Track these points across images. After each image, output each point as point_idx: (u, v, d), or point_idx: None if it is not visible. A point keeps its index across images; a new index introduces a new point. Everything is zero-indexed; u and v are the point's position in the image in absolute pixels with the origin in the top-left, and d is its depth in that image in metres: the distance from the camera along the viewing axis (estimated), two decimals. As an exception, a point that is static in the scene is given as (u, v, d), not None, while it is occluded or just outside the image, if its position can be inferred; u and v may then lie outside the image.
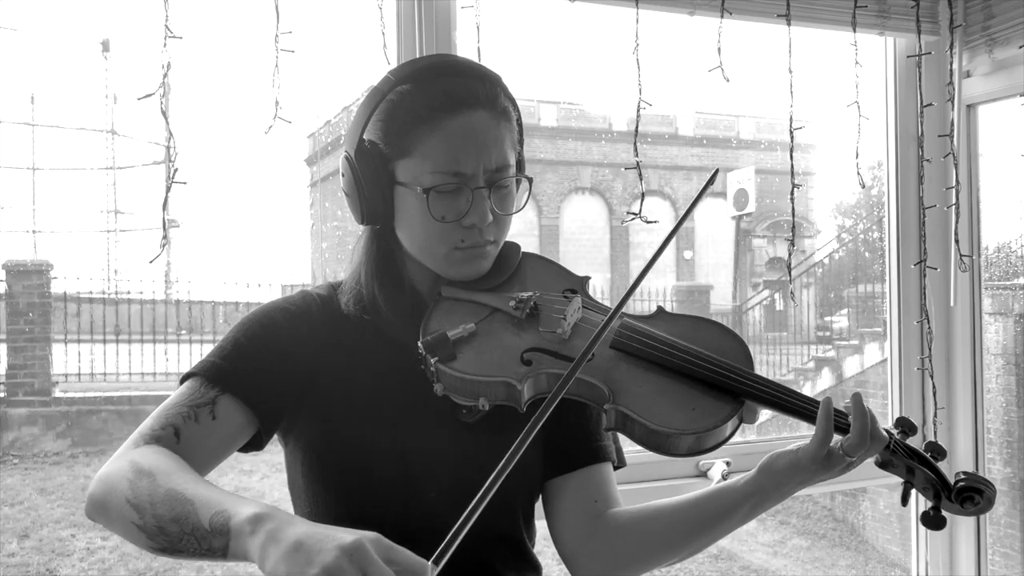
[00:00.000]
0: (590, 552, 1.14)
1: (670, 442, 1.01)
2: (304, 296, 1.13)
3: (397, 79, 1.06)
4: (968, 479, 1.04)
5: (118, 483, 0.90)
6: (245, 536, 0.79)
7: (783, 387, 1.06)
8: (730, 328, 1.14)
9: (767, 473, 1.06)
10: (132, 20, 22.19)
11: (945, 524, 1.05)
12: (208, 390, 1.01)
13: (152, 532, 0.86)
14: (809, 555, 7.09)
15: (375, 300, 1.10)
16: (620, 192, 17.69)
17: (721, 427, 1.02)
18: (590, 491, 1.16)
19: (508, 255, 1.15)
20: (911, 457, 1.06)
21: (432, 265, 1.09)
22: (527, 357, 1.03)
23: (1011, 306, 4.32)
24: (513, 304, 1.08)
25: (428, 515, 1.02)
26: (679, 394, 1.04)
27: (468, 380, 1.01)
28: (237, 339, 1.05)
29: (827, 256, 11.07)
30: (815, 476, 1.04)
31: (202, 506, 0.84)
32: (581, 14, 22.88)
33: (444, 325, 1.05)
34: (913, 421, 1.10)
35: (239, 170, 23.49)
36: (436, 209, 1.03)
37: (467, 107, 1.03)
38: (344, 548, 0.73)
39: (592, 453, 1.17)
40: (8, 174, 11.80)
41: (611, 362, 1.05)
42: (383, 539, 0.76)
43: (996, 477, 3.88)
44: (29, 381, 7.79)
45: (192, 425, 0.98)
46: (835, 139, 16.29)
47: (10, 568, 5.53)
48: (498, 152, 1.05)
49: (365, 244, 1.13)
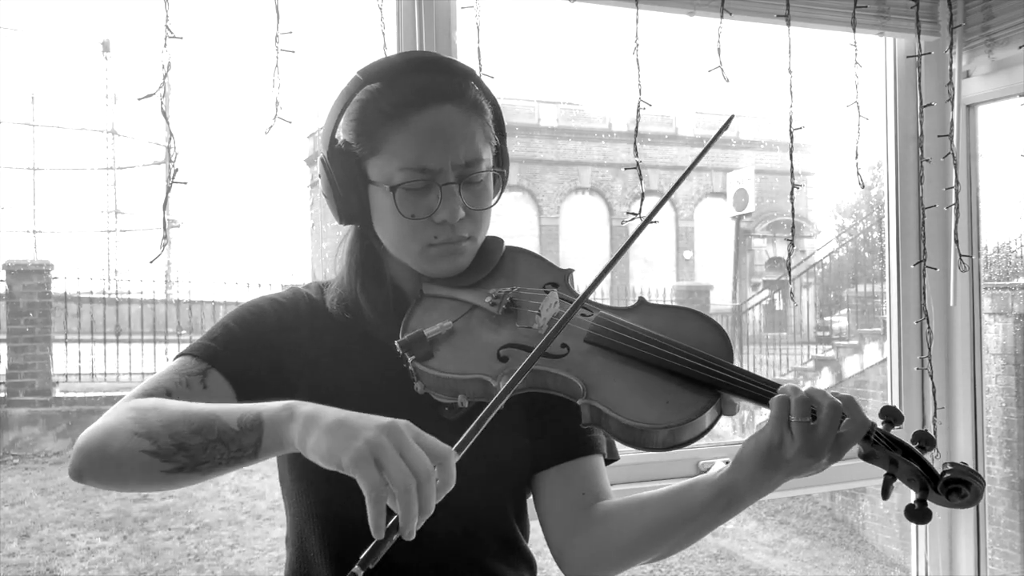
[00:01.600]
0: (575, 545, 1.13)
1: (645, 436, 0.99)
2: (294, 292, 1.14)
3: (365, 78, 1.07)
4: (955, 470, 1.00)
5: (120, 424, 0.91)
6: (281, 423, 0.85)
7: (761, 378, 1.02)
8: (713, 319, 1.12)
9: (736, 462, 1.01)
10: (132, 20, 22.22)
11: (931, 517, 1.00)
12: (198, 363, 1.03)
13: (168, 452, 0.88)
14: (809, 555, 7.09)
15: (357, 300, 1.11)
16: (620, 192, 17.69)
17: (696, 420, 0.99)
18: (577, 484, 1.15)
19: (490, 250, 1.15)
20: (894, 448, 1.00)
21: (410, 262, 1.10)
22: (503, 353, 1.03)
23: (1011, 306, 4.32)
24: (490, 300, 1.08)
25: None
26: (653, 388, 1.02)
27: (445, 378, 1.02)
28: (226, 324, 1.08)
29: (827, 256, 11.06)
30: (786, 465, 0.96)
31: (225, 413, 0.88)
32: (581, 14, 22.89)
33: (423, 323, 1.06)
34: (899, 409, 1.04)
35: (239, 170, 23.49)
36: (405, 207, 1.04)
37: (434, 102, 1.03)
38: (382, 427, 0.80)
39: (580, 445, 1.16)
40: (8, 174, 11.80)
41: (586, 356, 1.04)
42: (412, 425, 0.82)
43: (996, 477, 3.88)
44: (29, 381, 7.79)
45: (184, 390, 1.00)
46: (835, 139, 16.28)
47: (10, 568, 5.53)
48: (468, 146, 1.05)
49: (348, 244, 1.15)
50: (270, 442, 0.86)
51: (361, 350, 1.10)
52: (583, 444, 1.17)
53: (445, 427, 1.06)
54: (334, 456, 0.80)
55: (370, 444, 0.78)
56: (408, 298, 1.13)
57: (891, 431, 1.02)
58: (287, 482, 1.13)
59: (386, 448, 0.78)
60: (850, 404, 0.97)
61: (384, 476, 0.77)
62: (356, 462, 0.78)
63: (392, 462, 0.77)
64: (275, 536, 6.10)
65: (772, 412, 0.97)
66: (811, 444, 0.94)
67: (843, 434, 0.95)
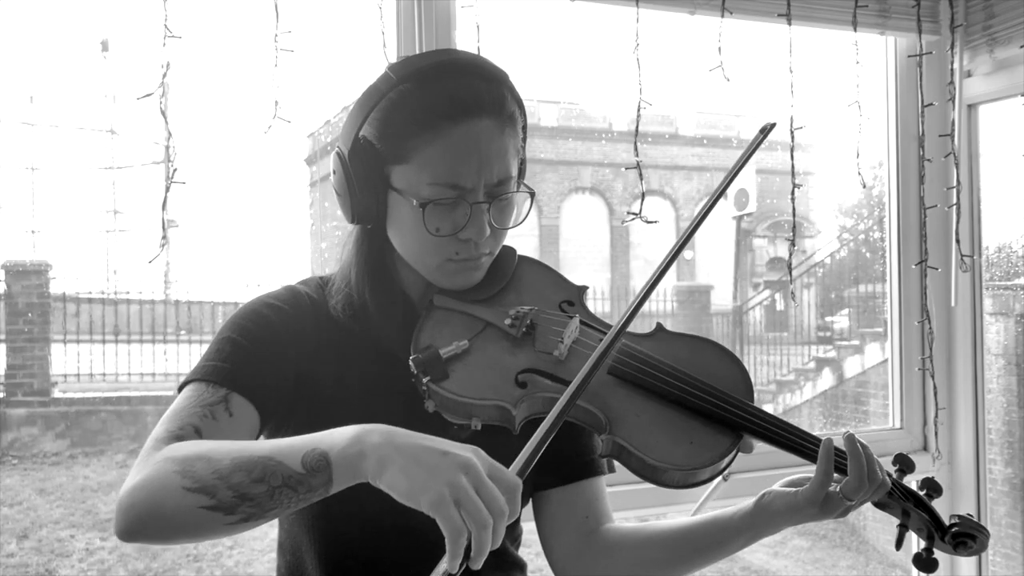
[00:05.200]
0: (579, 569, 1.13)
1: (665, 475, 0.98)
2: (294, 294, 1.08)
3: (398, 78, 1.01)
4: (962, 524, 1.03)
5: (165, 480, 0.84)
6: (351, 460, 0.81)
7: (784, 423, 1.03)
8: (730, 351, 1.10)
9: (763, 512, 1.05)
10: (132, 20, 22.19)
11: (937, 566, 1.04)
12: (216, 390, 0.96)
13: (230, 506, 0.83)
14: (810, 556, 7.08)
15: (366, 305, 1.06)
16: (620, 192, 17.69)
17: (720, 461, 0.99)
18: (581, 507, 1.15)
19: (504, 262, 1.11)
20: (907, 499, 1.04)
21: (424, 273, 1.06)
22: (522, 379, 1.00)
23: (1012, 306, 4.31)
24: (509, 321, 1.04)
25: (416, 521, 1.02)
26: (677, 426, 1.00)
27: (461, 402, 0.98)
28: (233, 339, 1.01)
29: (828, 256, 11.06)
30: (812, 519, 1.03)
31: (284, 454, 0.83)
32: (581, 14, 22.87)
33: (436, 339, 1.01)
34: (911, 458, 1.08)
35: (239, 170, 23.46)
36: (431, 222, 0.99)
37: (471, 115, 0.98)
38: (460, 465, 0.79)
39: (583, 468, 1.16)
40: (8, 174, 11.80)
41: (608, 388, 1.01)
42: (484, 455, 0.82)
43: (997, 478, 3.88)
44: (28, 381, 7.78)
45: (211, 423, 0.94)
46: (836, 139, 16.28)
47: (9, 568, 5.52)
48: (500, 165, 1.01)
49: (356, 243, 1.09)
50: (341, 478, 0.82)
51: (368, 360, 1.06)
52: (586, 466, 1.16)
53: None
54: (413, 497, 0.78)
55: (451, 487, 0.77)
56: (415, 305, 1.09)
57: (902, 479, 1.05)
58: None
59: (466, 490, 0.77)
60: (870, 461, 1.01)
61: (463, 515, 0.77)
62: (436, 506, 0.77)
63: (471, 503, 0.77)
64: (274, 537, 6.03)
65: (819, 478, 1.00)
66: (844, 510, 1.02)
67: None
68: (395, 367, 1.04)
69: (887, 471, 1.05)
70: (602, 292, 14.05)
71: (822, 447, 1.00)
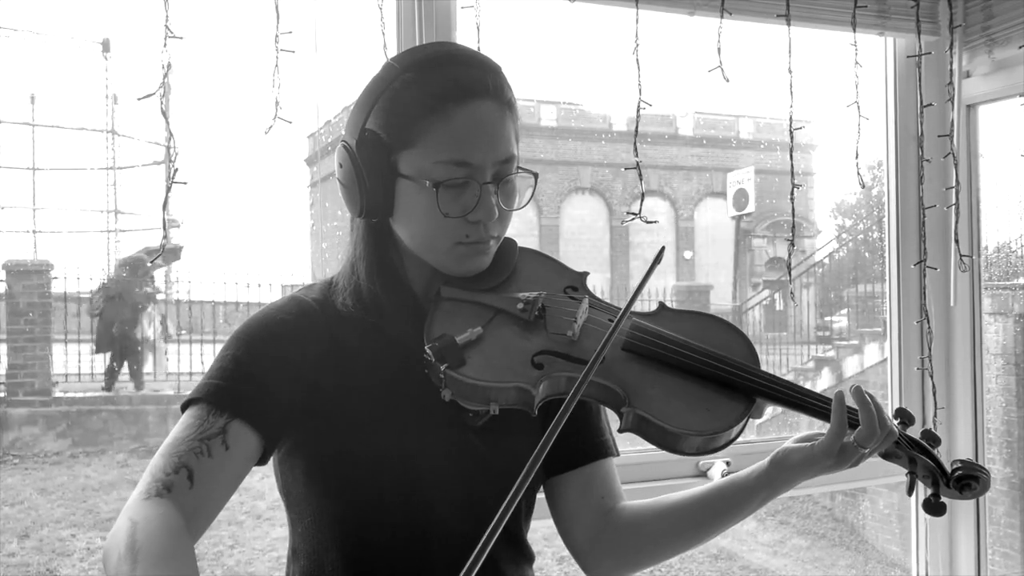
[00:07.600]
0: (601, 549, 1.15)
1: (685, 443, 1.02)
2: (299, 304, 1.07)
3: (402, 67, 1.03)
4: (964, 467, 1.10)
5: (112, 550, 0.84)
6: None
7: (793, 384, 1.08)
8: (732, 323, 1.15)
9: (780, 468, 1.08)
10: (132, 20, 22.22)
11: (945, 510, 1.10)
12: (216, 418, 0.95)
13: None
14: (809, 555, 7.09)
15: (377, 298, 1.06)
16: (620, 192, 17.69)
17: (736, 426, 1.03)
18: (596, 488, 1.17)
19: (506, 252, 1.13)
20: (913, 447, 1.09)
21: (433, 260, 1.06)
22: (538, 360, 1.02)
23: (1011, 306, 4.31)
24: (521, 306, 1.06)
25: (438, 520, 1.03)
26: (693, 395, 1.04)
27: (480, 386, 0.99)
28: (237, 356, 1.00)
29: (827, 256, 11.07)
30: (829, 470, 1.06)
31: None
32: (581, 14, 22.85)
33: (449, 328, 1.02)
34: (911, 411, 1.13)
35: (239, 170, 23.48)
36: (443, 204, 1.00)
37: (475, 96, 1.01)
38: None
39: (596, 449, 1.17)
40: (8, 174, 11.80)
41: (623, 363, 1.04)
42: None
43: (996, 477, 3.88)
44: (29, 381, 7.80)
45: (205, 461, 0.92)
46: (835, 139, 16.28)
47: (10, 568, 5.53)
48: (504, 144, 1.03)
49: (362, 238, 1.09)
50: None
51: (379, 353, 1.06)
52: (599, 447, 1.18)
53: (469, 432, 1.06)
54: None
55: None
56: (419, 298, 1.10)
57: (905, 432, 1.11)
58: (296, 493, 1.06)
59: None
60: (879, 410, 1.05)
61: None
62: None
63: None
64: (275, 536, 6.09)
65: (834, 429, 1.04)
66: (858, 459, 1.06)
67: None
68: (406, 358, 1.04)
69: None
70: (602, 292, 14.05)
71: (835, 399, 1.05)
